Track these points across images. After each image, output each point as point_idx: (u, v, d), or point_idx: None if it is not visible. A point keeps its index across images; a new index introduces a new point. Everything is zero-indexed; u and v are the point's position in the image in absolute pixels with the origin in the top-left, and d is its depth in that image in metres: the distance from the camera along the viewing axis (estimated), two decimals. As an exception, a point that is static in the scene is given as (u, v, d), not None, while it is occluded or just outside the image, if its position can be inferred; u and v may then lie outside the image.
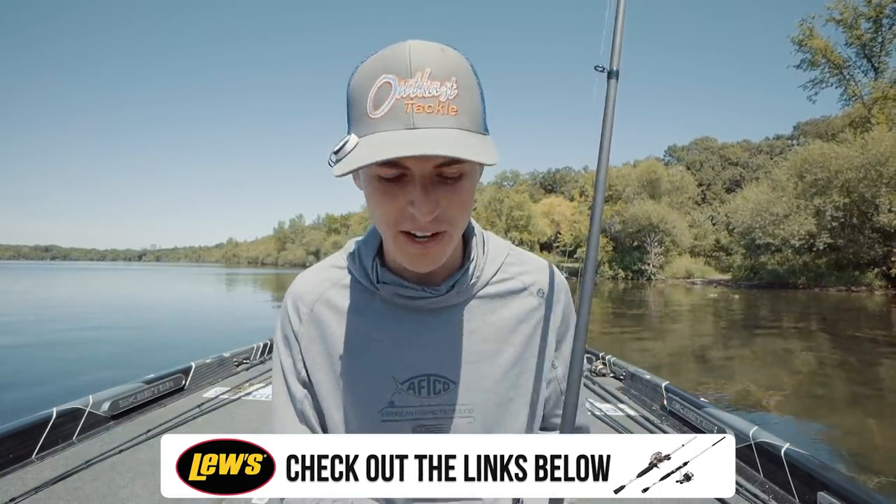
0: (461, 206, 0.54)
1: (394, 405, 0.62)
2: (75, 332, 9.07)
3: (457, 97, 0.49)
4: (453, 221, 0.54)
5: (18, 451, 2.03)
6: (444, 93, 0.49)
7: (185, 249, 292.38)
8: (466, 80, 0.51)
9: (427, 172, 0.51)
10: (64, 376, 5.64)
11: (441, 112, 0.48)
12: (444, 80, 0.49)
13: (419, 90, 0.48)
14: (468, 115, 0.51)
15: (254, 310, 15.34)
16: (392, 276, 0.63)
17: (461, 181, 0.53)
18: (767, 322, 12.39)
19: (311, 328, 0.66)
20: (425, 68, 0.48)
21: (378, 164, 0.48)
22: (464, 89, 0.50)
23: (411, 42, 0.50)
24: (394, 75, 0.48)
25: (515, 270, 0.68)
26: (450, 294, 0.63)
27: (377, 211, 0.54)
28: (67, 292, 22.25)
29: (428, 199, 0.51)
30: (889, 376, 6.26)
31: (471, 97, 0.51)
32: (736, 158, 60.68)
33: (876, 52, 27.46)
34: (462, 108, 0.50)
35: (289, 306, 0.68)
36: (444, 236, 0.55)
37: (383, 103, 0.49)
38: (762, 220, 28.06)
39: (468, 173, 0.53)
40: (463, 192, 0.53)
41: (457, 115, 0.49)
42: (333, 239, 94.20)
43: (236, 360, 3.91)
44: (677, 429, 2.76)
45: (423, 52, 0.49)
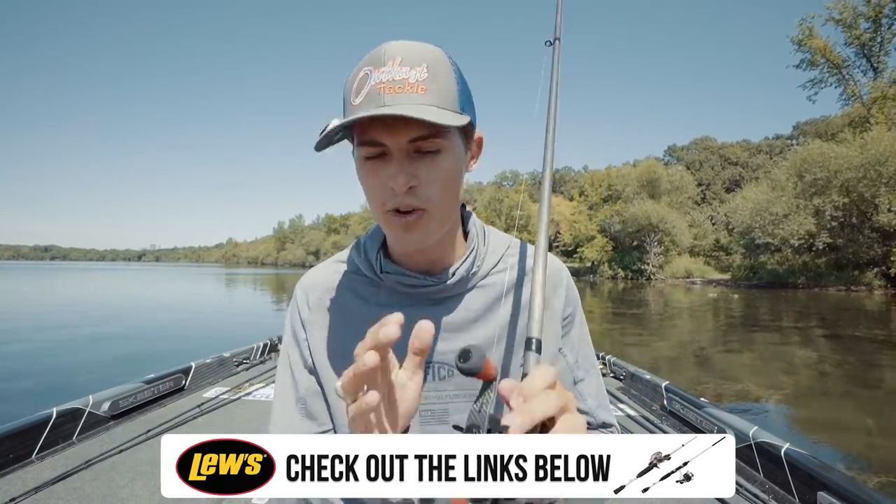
0: (439, 181, 0.57)
1: None
2: (75, 333, 9.07)
3: (426, 79, 0.54)
4: (431, 198, 0.57)
5: (18, 451, 2.03)
6: (413, 75, 0.53)
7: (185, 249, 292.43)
8: (438, 64, 0.55)
9: (402, 146, 0.55)
10: (64, 376, 5.64)
11: (410, 91, 0.53)
12: (415, 65, 0.54)
13: (390, 75, 0.53)
14: (438, 93, 0.54)
15: (254, 310, 15.34)
16: (394, 266, 0.66)
17: (438, 156, 0.56)
18: (767, 322, 12.40)
19: (318, 316, 0.69)
20: (396, 57, 0.54)
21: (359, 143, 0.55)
22: (434, 72, 0.54)
23: (390, 41, 0.56)
24: (371, 67, 0.54)
25: (515, 260, 0.70)
26: (451, 283, 0.64)
27: (367, 193, 0.59)
28: (67, 292, 22.24)
29: (402, 170, 0.55)
30: (888, 376, 6.26)
31: (442, 78, 0.55)
32: (735, 158, 60.72)
33: (875, 52, 27.49)
34: (431, 87, 0.54)
35: (298, 297, 0.71)
36: (424, 215, 0.57)
37: (361, 91, 0.54)
38: (762, 220, 28.08)
39: (447, 148, 0.57)
40: (440, 167, 0.56)
41: (426, 93, 0.53)
42: (333, 239, 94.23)
43: (236, 360, 3.91)
44: (677, 429, 2.76)
45: (397, 45, 0.55)
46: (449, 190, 0.59)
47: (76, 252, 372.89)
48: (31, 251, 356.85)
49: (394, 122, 0.54)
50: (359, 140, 0.57)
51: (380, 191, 0.57)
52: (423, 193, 0.56)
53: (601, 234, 46.52)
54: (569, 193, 59.28)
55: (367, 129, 0.55)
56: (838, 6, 27.13)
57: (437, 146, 0.56)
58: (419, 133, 0.54)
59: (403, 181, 0.55)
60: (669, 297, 22.60)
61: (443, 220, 0.60)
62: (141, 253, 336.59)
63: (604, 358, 4.00)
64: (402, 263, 0.66)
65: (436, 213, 0.58)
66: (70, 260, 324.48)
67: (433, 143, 0.56)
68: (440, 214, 0.59)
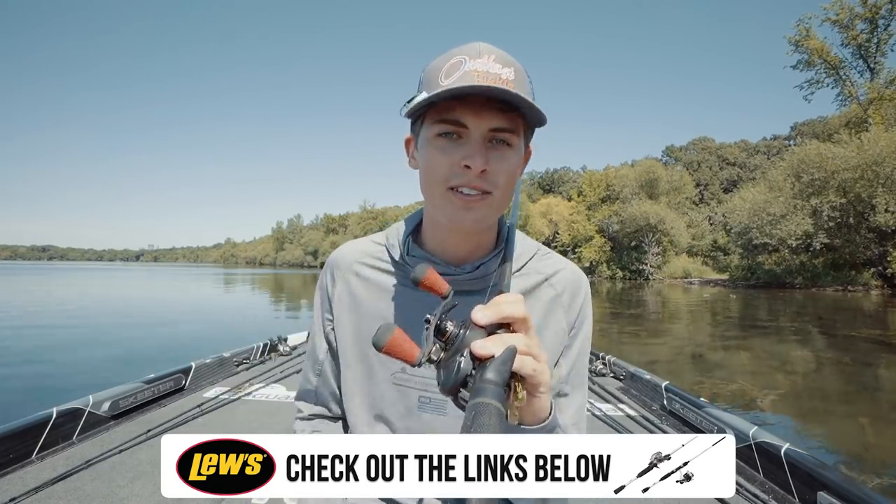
0: (507, 171, 0.61)
1: (405, 372, 0.67)
2: (75, 333, 9.05)
3: (514, 80, 0.58)
4: (498, 185, 0.60)
5: (18, 451, 2.02)
6: (504, 73, 0.58)
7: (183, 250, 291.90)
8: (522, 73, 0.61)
9: (483, 131, 0.59)
10: (64, 376, 5.62)
11: (502, 85, 0.56)
12: (505, 65, 0.59)
13: (486, 67, 0.57)
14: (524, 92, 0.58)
15: (253, 310, 15.31)
16: (421, 251, 0.69)
17: (510, 149, 0.61)
18: (764, 322, 12.42)
19: (342, 291, 0.73)
20: (491, 54, 0.59)
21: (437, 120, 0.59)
22: (520, 78, 0.60)
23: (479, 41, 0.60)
24: (466, 56, 0.58)
25: (539, 266, 0.72)
26: (474, 278, 0.66)
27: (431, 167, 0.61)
28: (66, 292, 22.17)
29: (482, 153, 0.58)
30: (885, 376, 6.28)
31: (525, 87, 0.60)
32: (733, 159, 60.83)
33: (872, 53, 27.54)
34: (518, 88, 0.58)
35: (326, 271, 0.76)
36: (489, 198, 0.61)
37: (454, 73, 0.58)
38: (759, 220, 28.11)
39: (516, 146, 0.61)
40: (510, 159, 0.61)
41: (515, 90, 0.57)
42: (332, 239, 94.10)
43: (236, 360, 3.90)
44: (677, 429, 2.77)
45: (490, 46, 0.60)
46: (510, 182, 0.62)
47: (74, 252, 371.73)
48: (29, 251, 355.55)
49: (481, 108, 0.58)
50: (439, 117, 0.60)
51: (448, 168, 0.60)
52: (492, 179, 0.60)
53: (599, 235, 46.57)
54: (567, 194, 59.29)
55: (453, 108, 0.59)
56: (835, 7, 27.19)
57: (510, 140, 0.60)
58: (501, 124, 0.59)
59: (481, 163, 0.58)
60: (667, 297, 22.63)
61: (499, 208, 0.64)
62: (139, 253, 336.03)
63: (604, 358, 4.00)
64: (432, 252, 0.69)
65: (497, 199, 0.62)
66: (68, 260, 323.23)
67: (509, 137, 0.60)
68: (499, 202, 0.62)
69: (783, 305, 17.55)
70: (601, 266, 44.72)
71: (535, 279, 0.70)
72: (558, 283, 0.71)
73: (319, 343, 0.77)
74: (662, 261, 41.68)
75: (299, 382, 0.82)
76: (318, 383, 0.78)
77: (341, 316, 0.72)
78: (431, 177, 0.62)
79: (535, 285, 0.70)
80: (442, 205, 0.62)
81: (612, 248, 45.65)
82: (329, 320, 0.74)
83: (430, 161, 0.61)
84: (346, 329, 0.72)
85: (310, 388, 0.79)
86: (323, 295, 0.75)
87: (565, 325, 0.70)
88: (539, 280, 0.71)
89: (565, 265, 0.74)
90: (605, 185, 50.44)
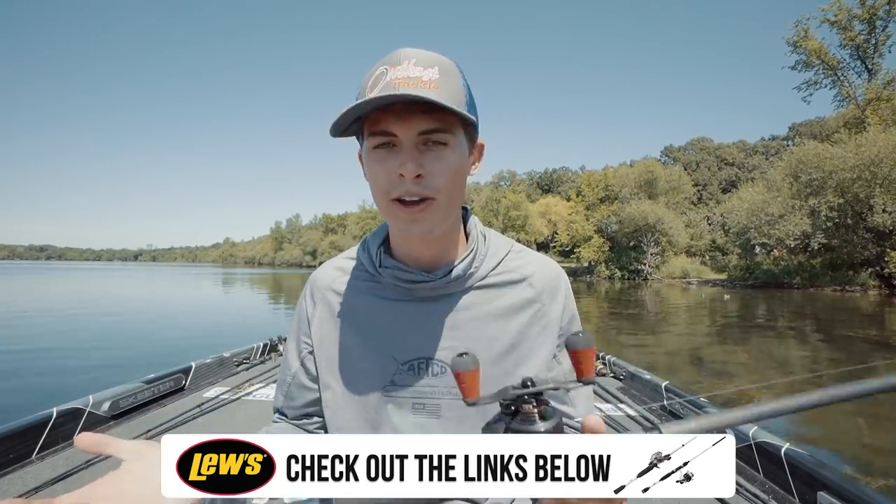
0: (445, 172, 0.59)
1: (395, 384, 0.67)
2: (74, 333, 9.03)
3: (438, 79, 0.57)
4: (439, 188, 0.59)
5: (18, 451, 2.02)
6: (426, 74, 0.57)
7: (182, 249, 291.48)
8: (448, 70, 0.59)
9: (412, 137, 0.58)
10: (64, 376, 5.62)
11: (423, 87, 0.56)
12: (427, 66, 0.58)
13: (405, 72, 0.57)
14: (448, 92, 0.58)
15: (253, 310, 15.30)
16: (393, 261, 0.68)
17: (445, 149, 0.59)
18: (763, 322, 12.44)
19: (322, 311, 0.73)
20: (411, 59, 0.58)
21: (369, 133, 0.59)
22: (445, 76, 0.58)
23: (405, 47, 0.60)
24: (387, 65, 0.58)
25: (515, 264, 0.72)
26: (448, 281, 0.66)
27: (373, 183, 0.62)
28: (64, 292, 22.13)
29: (412, 158, 0.58)
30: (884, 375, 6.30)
31: (452, 83, 0.59)
32: (732, 159, 61.00)
33: (870, 54, 27.59)
34: (443, 87, 0.57)
35: (306, 292, 0.77)
36: (432, 204, 0.60)
37: (377, 85, 0.57)
38: (757, 221, 28.15)
39: (453, 144, 0.60)
40: (447, 159, 0.60)
41: (437, 90, 0.56)
42: (330, 239, 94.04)
43: (236, 360, 3.90)
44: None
45: (412, 50, 0.59)
46: (455, 182, 0.61)
47: (72, 252, 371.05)
48: (27, 251, 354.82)
49: (406, 114, 0.58)
50: (370, 130, 0.60)
51: (386, 180, 0.59)
52: (430, 183, 0.59)
53: (598, 235, 46.59)
54: (566, 193, 59.36)
55: (379, 120, 0.59)
56: (833, 8, 27.25)
57: (444, 139, 0.59)
58: (429, 126, 0.58)
59: (412, 168, 0.57)
60: (666, 297, 22.66)
61: (447, 211, 0.62)
62: (137, 253, 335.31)
63: (604, 358, 4.00)
64: (403, 260, 0.69)
65: (442, 202, 0.61)
66: (66, 260, 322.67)
67: (441, 137, 0.59)
68: (445, 205, 0.61)
69: (781, 305, 17.58)
70: (600, 266, 44.73)
71: (511, 277, 0.71)
72: (537, 282, 0.71)
73: (291, 364, 0.76)
74: (661, 261, 41.71)
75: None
76: (283, 403, 0.78)
77: (324, 337, 0.72)
78: (375, 190, 0.62)
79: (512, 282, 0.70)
80: (389, 217, 0.62)
81: (610, 248, 45.66)
82: (306, 344, 0.74)
83: (371, 174, 0.62)
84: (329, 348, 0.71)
85: (280, 406, 0.79)
86: (302, 317, 0.76)
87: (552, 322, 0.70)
88: (516, 278, 0.71)
89: (542, 262, 0.74)
90: (604, 185, 50.47)
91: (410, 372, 0.66)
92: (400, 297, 0.68)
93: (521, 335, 0.68)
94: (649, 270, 41.40)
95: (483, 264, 0.69)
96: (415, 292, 0.67)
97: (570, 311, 0.73)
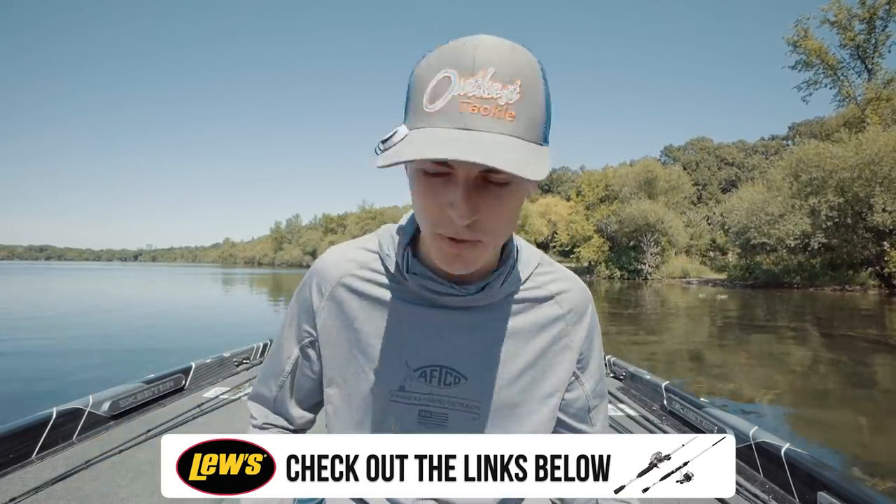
0: (502, 216, 0.51)
1: (403, 389, 0.63)
2: (74, 333, 9.02)
3: (517, 102, 0.47)
4: (492, 231, 0.52)
5: (18, 451, 2.02)
6: (504, 95, 0.46)
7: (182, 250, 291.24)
8: (532, 84, 0.48)
9: (472, 175, 0.49)
10: (64, 376, 5.61)
11: (497, 116, 0.46)
12: (508, 82, 0.46)
13: (479, 90, 0.46)
14: (526, 122, 0.48)
15: (253, 310, 15.30)
16: (422, 268, 0.62)
17: (506, 189, 0.50)
18: (763, 321, 12.44)
19: (331, 305, 0.67)
20: (489, 67, 0.46)
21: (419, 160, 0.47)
22: (527, 94, 0.47)
23: (482, 37, 0.48)
24: (455, 70, 0.46)
25: (544, 280, 0.68)
26: (478, 295, 0.62)
27: (419, 206, 0.53)
28: (64, 292, 22.12)
29: (468, 203, 0.48)
30: (883, 375, 6.30)
31: (533, 103, 0.48)
32: (731, 158, 60.99)
33: (869, 54, 27.58)
34: (521, 114, 0.47)
35: (313, 281, 0.69)
36: (480, 245, 0.53)
37: (440, 98, 0.47)
38: (757, 220, 28.14)
39: (516, 183, 0.50)
40: (506, 202, 0.51)
41: (514, 121, 0.47)
42: (330, 239, 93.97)
43: (236, 360, 3.90)
44: (677, 429, 2.76)
45: (491, 49, 0.47)
46: (509, 223, 0.53)
47: (71, 252, 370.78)
48: (26, 251, 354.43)
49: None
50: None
51: (436, 213, 0.51)
52: (484, 227, 0.51)
53: (598, 234, 46.57)
54: (566, 193, 59.33)
55: None
56: (833, 8, 27.24)
57: (507, 179, 0.49)
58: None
59: (466, 214, 0.48)
60: (666, 296, 22.65)
61: (494, 249, 0.56)
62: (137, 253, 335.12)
63: (604, 358, 4.01)
64: (430, 266, 0.63)
65: (492, 244, 0.54)
66: (65, 260, 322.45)
67: (504, 177, 0.49)
68: (495, 246, 0.55)
69: (781, 305, 17.58)
70: (600, 266, 44.72)
71: (538, 293, 0.67)
72: (564, 301, 0.67)
73: (287, 352, 0.71)
74: (661, 260, 41.71)
75: (253, 384, 0.77)
76: (277, 393, 0.73)
77: (330, 336, 0.67)
78: (420, 215, 0.54)
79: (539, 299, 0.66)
80: (435, 248, 0.55)
81: (610, 247, 45.65)
82: (308, 333, 0.69)
83: (418, 198, 0.53)
84: (337, 348, 0.67)
85: (268, 395, 0.74)
86: (305, 307, 0.69)
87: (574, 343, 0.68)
88: (544, 295, 0.67)
89: (571, 282, 0.70)
90: (604, 184, 50.46)
91: (422, 379, 0.63)
92: (421, 301, 0.64)
93: (542, 354, 0.65)
94: (649, 270, 41.38)
95: (513, 278, 0.65)
96: (438, 300, 0.63)
97: (594, 332, 0.71)
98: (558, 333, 0.66)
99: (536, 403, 0.65)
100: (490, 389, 0.63)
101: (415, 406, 0.63)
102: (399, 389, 0.63)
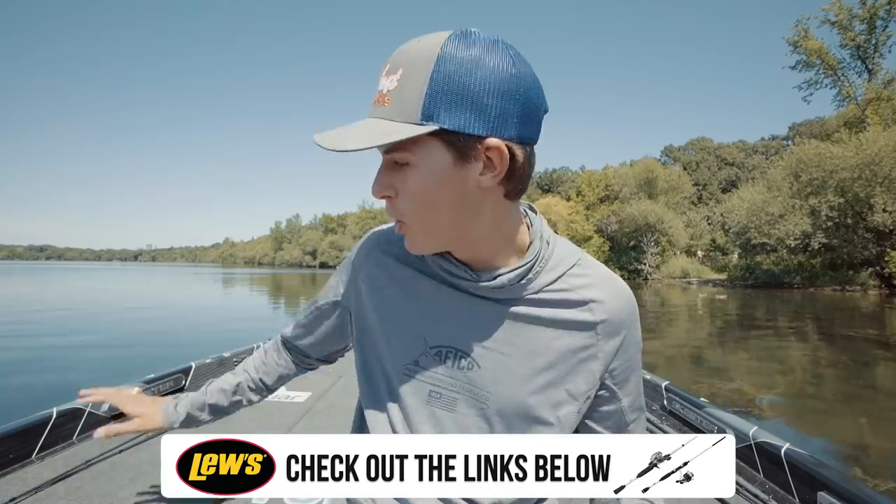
0: (410, 195, 0.53)
1: (418, 364, 0.64)
2: (74, 333, 9.03)
3: (394, 90, 0.50)
4: (408, 213, 0.55)
5: (18, 451, 2.02)
6: (386, 85, 0.51)
7: (182, 249, 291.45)
8: (415, 71, 0.49)
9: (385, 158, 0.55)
10: (64, 376, 5.62)
11: (379, 103, 0.52)
12: (393, 73, 0.51)
13: (378, 84, 0.52)
14: (399, 105, 0.50)
15: (253, 310, 15.31)
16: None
17: (407, 169, 0.53)
18: (763, 321, 12.45)
19: (372, 266, 0.70)
20: (388, 64, 0.52)
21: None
22: (406, 80, 0.50)
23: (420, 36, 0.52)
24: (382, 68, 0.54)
25: (578, 283, 0.63)
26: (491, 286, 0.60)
27: None
28: (64, 292, 22.13)
29: (376, 181, 0.55)
30: (883, 375, 6.30)
31: (411, 87, 0.49)
32: (732, 159, 60.99)
33: (870, 54, 27.59)
34: (395, 99, 0.50)
35: (364, 242, 0.74)
36: (406, 227, 0.56)
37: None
38: (757, 220, 28.16)
39: (414, 163, 0.52)
40: (409, 181, 0.53)
41: (389, 104, 0.51)
42: (330, 239, 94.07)
43: (236, 360, 3.89)
44: (677, 429, 2.76)
45: (406, 46, 0.52)
46: (426, 205, 0.53)
47: (71, 252, 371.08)
48: (26, 251, 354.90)
49: None
50: None
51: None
52: (398, 206, 0.55)
53: (598, 234, 46.60)
54: (566, 193, 59.33)
55: None
56: (833, 8, 27.25)
57: (405, 159, 0.52)
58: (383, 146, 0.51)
59: (375, 190, 0.55)
60: (666, 296, 22.66)
61: (428, 234, 0.56)
62: (137, 253, 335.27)
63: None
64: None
65: (414, 227, 0.56)
66: (65, 260, 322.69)
67: (401, 157, 0.52)
68: (421, 230, 0.56)
69: (781, 305, 17.59)
70: (600, 266, 44.77)
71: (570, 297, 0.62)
72: (599, 310, 0.62)
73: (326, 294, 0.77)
74: (661, 260, 41.73)
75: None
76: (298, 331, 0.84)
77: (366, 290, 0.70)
78: None
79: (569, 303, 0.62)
80: None
81: (610, 247, 45.69)
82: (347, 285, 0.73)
83: None
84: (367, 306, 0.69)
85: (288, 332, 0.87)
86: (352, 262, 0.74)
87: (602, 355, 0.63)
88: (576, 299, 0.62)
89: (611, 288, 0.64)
90: (604, 184, 50.46)
91: (437, 357, 0.63)
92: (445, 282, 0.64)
93: (563, 357, 0.62)
94: (649, 270, 41.40)
95: (539, 278, 0.61)
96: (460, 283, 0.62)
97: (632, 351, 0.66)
98: (585, 342, 0.62)
99: (548, 408, 0.62)
100: (502, 383, 0.61)
101: (426, 384, 0.63)
102: (414, 363, 0.64)
